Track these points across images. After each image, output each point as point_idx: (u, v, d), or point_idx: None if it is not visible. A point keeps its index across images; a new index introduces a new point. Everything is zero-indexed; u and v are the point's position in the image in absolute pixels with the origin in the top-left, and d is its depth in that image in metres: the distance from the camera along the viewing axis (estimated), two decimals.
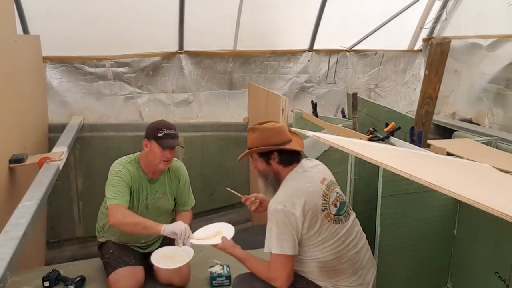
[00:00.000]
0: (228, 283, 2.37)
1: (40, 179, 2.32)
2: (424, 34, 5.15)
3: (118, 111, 4.16)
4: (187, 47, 4.26)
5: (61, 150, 2.89)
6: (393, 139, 2.84)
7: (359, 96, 3.69)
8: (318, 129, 3.18)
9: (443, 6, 4.80)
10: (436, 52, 2.79)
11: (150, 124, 2.32)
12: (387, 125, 2.97)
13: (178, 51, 4.25)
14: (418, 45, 5.26)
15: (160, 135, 2.22)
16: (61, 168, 2.67)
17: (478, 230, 2.18)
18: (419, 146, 2.73)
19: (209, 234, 2.11)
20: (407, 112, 3.84)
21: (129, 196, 2.25)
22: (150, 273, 2.37)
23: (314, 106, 3.87)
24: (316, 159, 2.19)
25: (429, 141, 2.93)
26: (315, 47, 4.77)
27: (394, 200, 2.14)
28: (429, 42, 4.58)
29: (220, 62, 4.43)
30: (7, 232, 1.68)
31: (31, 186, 2.21)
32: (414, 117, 3.04)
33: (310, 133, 1.55)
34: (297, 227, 1.75)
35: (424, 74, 2.93)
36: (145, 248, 2.45)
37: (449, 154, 2.71)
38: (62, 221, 3.93)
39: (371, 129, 3.03)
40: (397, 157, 1.73)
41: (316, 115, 3.72)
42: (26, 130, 2.92)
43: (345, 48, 4.93)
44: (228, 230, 2.11)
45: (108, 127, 3.97)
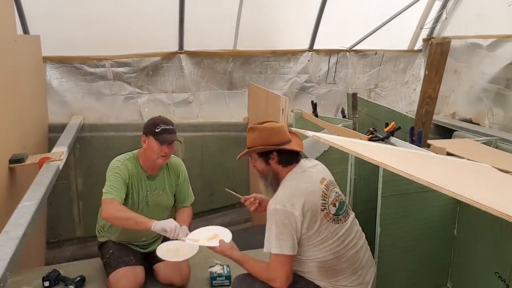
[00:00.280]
0: (228, 283, 2.37)
1: (40, 179, 2.32)
2: (424, 34, 5.15)
3: (118, 111, 4.16)
4: (187, 47, 4.26)
5: (61, 150, 2.89)
6: (393, 139, 2.84)
7: (359, 96, 3.69)
8: (318, 129, 3.18)
9: (443, 6, 4.79)
10: (436, 52, 2.79)
11: (148, 121, 2.34)
12: (387, 125, 2.97)
13: (178, 51, 4.25)
14: (418, 45, 5.26)
15: (158, 131, 2.24)
16: (61, 168, 2.67)
17: (478, 230, 2.18)
18: (419, 146, 2.73)
19: (206, 236, 2.10)
20: (407, 112, 3.84)
21: (127, 193, 2.26)
22: (150, 273, 2.37)
23: (314, 106, 3.87)
24: (316, 159, 2.20)
25: (429, 141, 2.93)
26: (315, 47, 4.77)
27: (394, 200, 2.14)
28: (429, 42, 4.58)
29: (220, 62, 4.43)
30: (7, 232, 1.68)
31: (31, 186, 2.21)
32: (414, 117, 3.04)
33: (310, 133, 1.55)
34: (296, 227, 1.75)
35: (424, 74, 2.93)
36: (145, 248, 2.45)
37: (449, 154, 2.71)
38: (62, 221, 3.93)
39: (371, 129, 3.03)
40: (397, 157, 1.73)
41: (316, 115, 3.72)
42: (26, 130, 2.92)
43: (345, 48, 4.93)
44: (225, 235, 2.10)
45: (108, 127, 3.97)
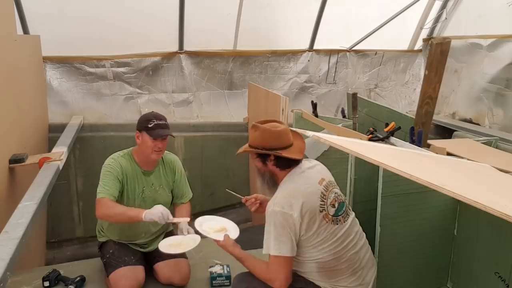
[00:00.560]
0: (228, 283, 2.37)
1: (40, 179, 2.33)
2: (424, 34, 5.15)
3: (118, 111, 4.16)
4: (187, 47, 4.26)
5: (61, 150, 2.89)
6: (393, 139, 2.84)
7: (359, 96, 3.68)
8: (318, 129, 3.18)
9: (443, 6, 4.79)
10: (436, 52, 2.79)
11: (141, 117, 2.34)
12: (387, 125, 2.97)
13: (178, 51, 4.25)
14: (418, 45, 5.26)
15: (151, 126, 2.25)
16: (61, 168, 2.67)
17: (478, 230, 2.18)
18: (419, 146, 2.73)
19: (215, 227, 2.13)
20: (407, 112, 3.84)
21: (123, 189, 2.28)
22: (150, 273, 2.37)
23: (314, 106, 3.86)
24: (316, 159, 2.19)
25: (429, 141, 2.93)
26: (315, 47, 4.77)
27: (394, 200, 2.14)
28: (429, 42, 4.57)
29: (220, 62, 4.43)
30: (7, 232, 1.68)
31: (31, 186, 2.22)
32: (414, 117, 3.03)
33: (310, 133, 1.55)
34: (295, 229, 1.75)
35: (424, 74, 2.93)
36: (145, 248, 2.45)
37: (449, 154, 2.71)
38: (62, 221, 3.93)
39: (371, 129, 3.03)
40: (397, 157, 1.73)
41: (316, 115, 3.72)
42: (26, 130, 2.92)
43: (345, 48, 4.92)
44: (233, 230, 2.12)
45: (108, 127, 3.98)
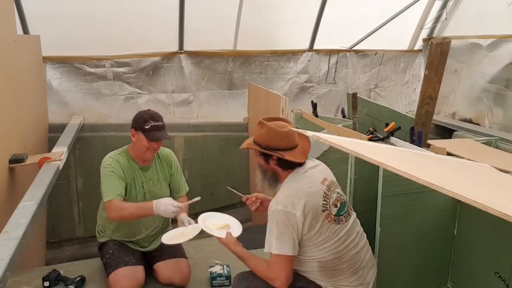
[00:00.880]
0: (228, 283, 2.37)
1: (40, 179, 2.32)
2: (424, 34, 5.15)
3: (118, 111, 4.16)
4: (187, 47, 4.25)
5: (61, 150, 2.89)
6: (393, 139, 2.84)
7: (359, 96, 3.68)
8: (318, 129, 3.18)
9: (443, 6, 4.79)
10: (436, 52, 2.79)
11: (137, 114, 2.32)
12: (387, 125, 2.97)
13: (178, 51, 4.25)
14: (418, 45, 5.26)
15: (147, 127, 2.22)
16: (61, 168, 2.67)
17: (478, 230, 2.18)
18: (419, 146, 2.73)
19: (218, 224, 2.12)
20: (407, 112, 3.84)
21: (125, 186, 2.28)
22: (150, 273, 2.37)
23: (314, 106, 3.87)
24: (316, 159, 2.19)
25: (429, 141, 2.93)
26: (315, 47, 4.76)
27: (394, 200, 2.14)
28: (429, 42, 4.57)
29: (220, 62, 4.43)
30: (7, 232, 1.68)
31: (31, 186, 2.21)
32: (414, 117, 3.03)
33: (310, 133, 1.55)
34: (297, 228, 1.75)
35: (424, 74, 2.93)
36: (145, 247, 2.45)
37: (449, 154, 2.71)
38: (62, 221, 3.93)
39: (371, 129, 3.03)
40: (397, 157, 1.73)
41: (316, 115, 3.72)
42: (26, 130, 2.92)
43: (345, 48, 4.92)
44: (236, 228, 2.12)
45: (108, 127, 3.97)
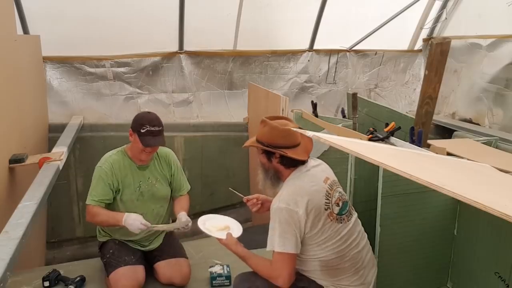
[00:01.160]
0: (228, 283, 2.37)
1: (40, 179, 2.32)
2: (424, 34, 5.15)
3: (118, 111, 4.16)
4: (187, 47, 4.25)
5: (61, 150, 2.89)
6: (393, 139, 2.84)
7: (359, 96, 3.68)
8: (318, 129, 3.18)
9: (443, 6, 4.79)
10: (436, 52, 2.79)
11: (137, 115, 2.32)
12: (387, 125, 2.97)
13: (178, 51, 4.25)
14: (418, 45, 5.26)
15: (143, 131, 2.22)
16: (61, 168, 2.67)
17: (478, 230, 2.18)
18: (419, 146, 2.73)
19: (218, 226, 2.12)
20: (407, 112, 3.84)
21: (119, 188, 2.31)
22: (151, 272, 2.37)
23: (314, 106, 3.86)
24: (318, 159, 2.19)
25: (429, 141, 2.93)
26: (315, 47, 4.76)
27: (394, 200, 2.14)
28: (429, 42, 4.57)
29: (220, 62, 4.43)
30: (7, 232, 1.68)
31: (31, 186, 2.21)
32: (414, 117, 3.03)
33: (310, 133, 1.54)
34: (300, 226, 1.75)
35: (424, 74, 2.93)
36: (146, 246, 2.45)
37: (449, 154, 2.71)
38: (62, 221, 3.92)
39: (371, 129, 3.03)
40: (397, 157, 1.73)
41: (316, 115, 3.72)
42: (26, 130, 2.92)
43: (345, 48, 4.92)
44: (236, 229, 2.13)
45: (108, 127, 3.97)
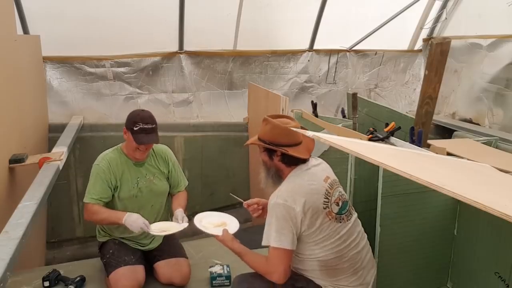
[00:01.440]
0: (228, 283, 2.37)
1: (40, 179, 2.32)
2: (424, 34, 5.15)
3: (118, 111, 4.16)
4: (187, 47, 4.25)
5: (61, 150, 2.89)
6: (393, 139, 2.84)
7: (359, 96, 3.68)
8: (318, 129, 3.17)
9: (443, 6, 4.79)
10: (436, 52, 2.79)
11: (130, 113, 2.32)
12: (387, 125, 2.97)
13: (178, 51, 4.25)
14: (418, 45, 5.26)
15: (136, 129, 2.23)
16: (61, 168, 2.67)
17: (478, 230, 2.18)
18: (419, 146, 2.73)
19: (214, 222, 2.13)
20: (407, 112, 3.84)
21: (117, 184, 2.32)
22: (151, 272, 2.37)
23: (314, 106, 3.86)
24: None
25: (429, 141, 2.93)
26: (315, 47, 4.76)
27: (394, 200, 2.14)
28: (429, 42, 4.57)
29: (220, 62, 4.43)
30: (7, 232, 1.68)
31: (31, 186, 2.21)
32: (414, 117, 3.03)
33: (310, 133, 1.54)
34: (296, 223, 1.75)
35: (424, 74, 2.93)
36: (145, 245, 2.46)
37: (449, 154, 2.71)
38: (62, 221, 3.92)
39: (371, 129, 3.03)
40: (397, 157, 1.73)
41: (316, 115, 3.72)
42: (26, 130, 2.92)
43: (345, 48, 4.92)
44: (233, 224, 2.13)
45: (108, 127, 3.97)
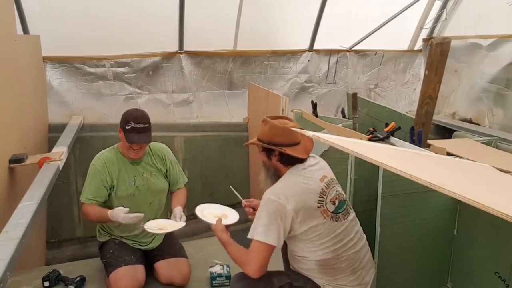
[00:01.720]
0: (228, 283, 2.37)
1: (40, 179, 2.32)
2: (424, 34, 5.15)
3: (118, 111, 4.13)
4: (187, 47, 4.25)
5: (61, 150, 2.89)
6: (393, 139, 2.84)
7: (359, 96, 3.68)
8: (318, 129, 3.17)
9: (443, 6, 4.79)
10: (436, 52, 2.79)
11: (124, 113, 2.32)
12: (387, 125, 2.97)
13: (178, 51, 4.25)
14: (418, 45, 5.26)
15: (128, 128, 2.23)
16: (61, 168, 2.67)
17: (478, 230, 2.18)
18: (419, 146, 2.73)
19: (216, 213, 2.18)
20: (407, 112, 3.84)
21: (114, 184, 2.34)
22: (151, 272, 2.38)
23: (314, 106, 3.86)
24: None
25: (429, 141, 2.93)
26: (315, 47, 4.76)
27: (394, 200, 2.14)
28: (429, 42, 4.57)
29: (220, 62, 4.43)
30: (7, 232, 1.68)
31: (31, 186, 2.21)
32: (414, 117, 3.03)
33: (310, 133, 1.54)
34: (286, 221, 1.76)
35: (424, 74, 2.93)
36: (145, 245, 2.46)
37: (449, 154, 2.71)
38: (62, 221, 3.92)
39: (371, 129, 3.03)
40: (397, 157, 1.73)
41: (316, 115, 3.72)
42: (26, 130, 2.92)
43: (345, 48, 4.92)
44: (232, 216, 2.18)
45: (108, 127, 3.96)
